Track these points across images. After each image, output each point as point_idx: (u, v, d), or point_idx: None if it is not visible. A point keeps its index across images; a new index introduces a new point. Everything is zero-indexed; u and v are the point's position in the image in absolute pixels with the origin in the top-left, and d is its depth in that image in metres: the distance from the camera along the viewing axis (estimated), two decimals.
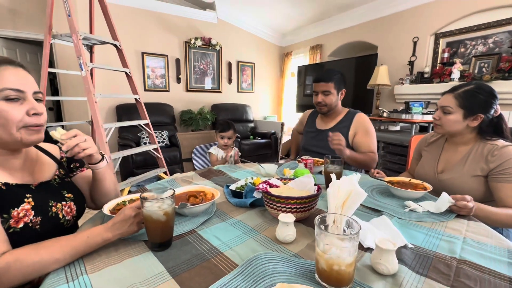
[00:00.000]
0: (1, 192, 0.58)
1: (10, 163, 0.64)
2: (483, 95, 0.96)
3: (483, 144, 0.99)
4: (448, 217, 0.79)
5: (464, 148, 1.04)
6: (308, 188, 0.84)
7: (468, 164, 1.00)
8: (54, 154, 0.79)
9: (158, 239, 0.60)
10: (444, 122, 1.02)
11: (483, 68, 2.44)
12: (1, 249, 0.51)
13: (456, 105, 0.99)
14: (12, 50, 3.62)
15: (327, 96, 1.48)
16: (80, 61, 1.81)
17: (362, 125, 1.47)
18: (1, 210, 0.56)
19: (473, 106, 0.96)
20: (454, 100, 0.99)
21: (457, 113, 0.99)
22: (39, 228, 0.61)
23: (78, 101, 3.39)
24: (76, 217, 0.73)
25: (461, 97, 0.98)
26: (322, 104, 1.50)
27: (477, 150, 1.00)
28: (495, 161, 0.93)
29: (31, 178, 0.67)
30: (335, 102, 1.50)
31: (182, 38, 4.04)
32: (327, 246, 0.47)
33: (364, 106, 3.44)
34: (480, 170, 0.97)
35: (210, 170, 1.32)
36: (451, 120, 1.00)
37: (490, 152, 0.95)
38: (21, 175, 0.65)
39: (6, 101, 0.56)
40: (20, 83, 0.59)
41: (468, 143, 1.04)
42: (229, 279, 0.49)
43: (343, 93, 1.53)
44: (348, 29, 3.79)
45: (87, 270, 0.52)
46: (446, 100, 1.01)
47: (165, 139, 3.58)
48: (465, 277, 0.51)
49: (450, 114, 1.00)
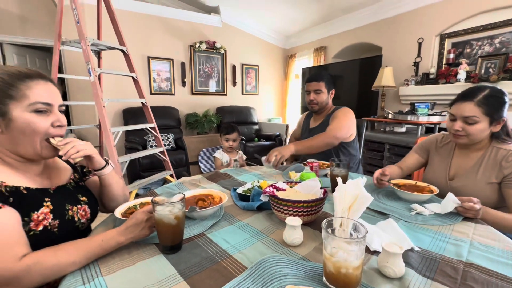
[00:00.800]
0: (23, 197, 0.60)
1: (31, 169, 0.67)
2: (502, 98, 0.93)
3: (496, 149, 0.97)
4: (455, 220, 0.79)
5: (476, 154, 1.02)
6: (315, 192, 0.84)
7: (482, 171, 0.98)
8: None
9: (169, 242, 0.62)
10: (471, 132, 0.95)
11: (490, 69, 2.42)
12: (22, 251, 0.53)
13: (481, 113, 0.93)
14: (22, 56, 3.71)
15: (318, 95, 1.58)
16: (89, 67, 1.85)
17: (336, 114, 1.55)
18: (23, 214, 0.58)
19: (498, 111, 0.93)
20: (477, 109, 0.93)
21: (483, 121, 0.94)
22: (57, 231, 0.64)
23: (86, 105, 3.45)
24: (90, 220, 0.76)
25: (484, 104, 0.92)
26: (314, 102, 1.60)
27: (490, 156, 0.98)
28: (510, 167, 0.91)
29: (49, 182, 0.71)
30: (325, 100, 1.60)
31: (187, 42, 4.09)
32: (334, 250, 0.48)
33: (369, 108, 3.43)
34: (495, 177, 0.95)
35: (217, 173, 1.34)
36: (478, 130, 0.95)
37: (504, 158, 0.94)
38: (40, 180, 0.68)
39: (36, 113, 0.62)
40: (50, 97, 0.64)
41: (481, 148, 1.01)
42: (239, 282, 0.51)
43: (333, 93, 1.63)
44: (352, 31, 3.79)
45: (102, 272, 0.54)
46: (468, 109, 0.94)
47: (171, 142, 3.62)
48: (472, 281, 0.52)
49: (476, 124, 0.94)
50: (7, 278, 0.49)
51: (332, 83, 1.61)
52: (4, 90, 0.59)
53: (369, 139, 2.90)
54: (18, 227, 0.56)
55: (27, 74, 0.62)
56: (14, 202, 0.57)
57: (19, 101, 0.60)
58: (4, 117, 0.59)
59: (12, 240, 0.53)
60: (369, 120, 3.10)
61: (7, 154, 0.63)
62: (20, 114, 0.60)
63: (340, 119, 1.52)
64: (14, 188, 0.59)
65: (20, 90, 0.60)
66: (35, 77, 0.62)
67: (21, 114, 0.60)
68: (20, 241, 0.54)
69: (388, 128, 3.03)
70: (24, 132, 0.61)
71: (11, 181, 0.60)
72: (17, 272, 0.50)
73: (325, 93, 1.58)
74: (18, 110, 0.60)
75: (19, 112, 0.60)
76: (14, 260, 0.50)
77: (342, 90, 3.86)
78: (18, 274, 0.50)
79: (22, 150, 0.63)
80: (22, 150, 0.63)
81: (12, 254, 0.51)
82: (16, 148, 0.62)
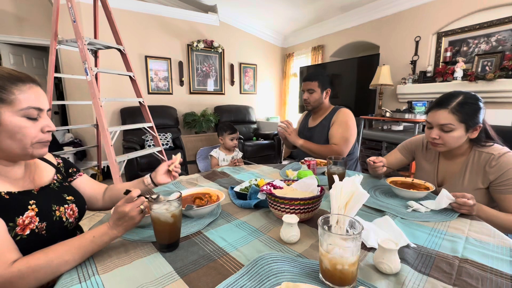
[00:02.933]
0: (5, 202, 0.59)
1: (12, 173, 0.65)
2: (477, 104, 0.93)
3: (478, 153, 0.97)
4: (451, 216, 0.80)
5: (460, 159, 1.02)
6: (312, 190, 0.85)
7: (468, 177, 0.98)
8: (50, 160, 0.80)
9: (166, 240, 0.62)
10: (447, 140, 0.95)
11: (486, 67, 2.43)
12: (12, 257, 0.52)
13: (456, 120, 0.92)
14: (19, 56, 3.69)
15: (311, 94, 1.60)
16: (86, 66, 1.85)
17: (338, 118, 1.56)
18: (7, 219, 0.57)
19: (473, 118, 0.92)
20: (452, 116, 0.92)
21: (459, 129, 0.93)
22: (45, 233, 0.62)
23: (83, 105, 3.44)
24: (78, 218, 0.74)
25: (459, 111, 0.92)
26: (307, 102, 1.63)
27: (473, 160, 0.97)
28: (495, 172, 0.91)
29: (32, 184, 0.68)
30: (319, 99, 1.61)
31: (184, 41, 4.08)
32: (330, 246, 0.49)
33: (366, 106, 3.44)
34: (481, 182, 0.95)
35: (214, 172, 1.34)
36: (454, 137, 0.94)
37: (487, 162, 0.93)
38: (21, 182, 0.66)
39: (27, 119, 0.59)
40: (40, 101, 0.62)
41: (464, 153, 1.01)
42: (236, 279, 0.51)
43: (329, 92, 1.63)
44: (350, 30, 3.80)
45: (98, 271, 0.54)
46: (443, 117, 0.94)
47: (169, 142, 3.61)
48: (467, 276, 0.52)
49: (452, 132, 0.93)
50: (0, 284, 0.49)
51: (327, 82, 1.61)
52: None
53: (367, 138, 2.91)
54: (4, 233, 0.54)
55: (19, 78, 0.59)
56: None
57: (11, 105, 0.57)
58: None
59: (0, 247, 0.52)
60: (367, 119, 3.11)
61: None
62: (10, 118, 0.57)
63: (344, 129, 1.51)
64: None
65: (12, 94, 0.57)
66: (27, 81, 0.60)
67: (11, 118, 0.57)
68: (9, 247, 0.53)
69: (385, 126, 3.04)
70: (13, 137, 0.58)
71: None
72: (10, 278, 0.49)
73: (318, 92, 1.59)
74: (8, 114, 0.57)
75: (9, 116, 0.57)
76: (5, 266, 0.49)
77: (340, 88, 3.87)
78: (11, 279, 0.49)
79: (8, 153, 0.61)
80: (8, 154, 0.61)
81: (2, 261, 0.50)
82: (2, 153, 0.60)
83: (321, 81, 1.59)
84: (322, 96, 1.60)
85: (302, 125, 1.79)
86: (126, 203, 0.61)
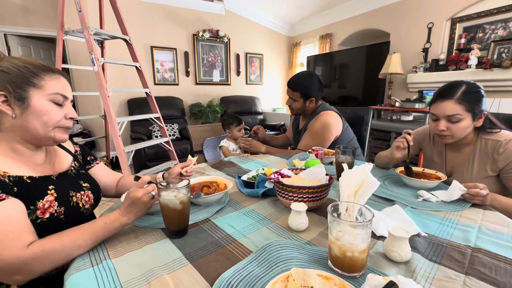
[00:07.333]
0: (27, 186, 0.61)
1: (35, 158, 0.69)
2: (480, 92, 0.92)
3: (485, 141, 0.96)
4: (463, 206, 0.78)
5: (467, 148, 1.01)
6: (320, 178, 0.84)
7: (476, 166, 0.97)
8: (68, 148, 0.82)
9: (175, 226, 0.63)
10: (455, 131, 0.94)
11: (503, 54, 2.33)
12: (29, 239, 0.54)
13: (463, 110, 0.92)
14: (27, 48, 3.71)
15: (293, 102, 1.56)
16: (92, 56, 1.85)
17: (312, 125, 1.50)
18: (28, 202, 0.60)
19: (478, 106, 0.92)
20: (459, 106, 0.91)
21: (466, 118, 0.92)
22: (63, 217, 0.65)
23: (91, 96, 3.47)
24: (93, 205, 0.78)
25: (465, 100, 0.91)
26: (290, 108, 1.61)
27: (480, 148, 0.96)
28: (503, 159, 0.90)
29: (51, 169, 0.72)
30: (301, 108, 1.56)
31: (190, 31, 4.04)
32: (340, 233, 0.48)
33: (375, 96, 3.37)
34: (491, 170, 0.94)
35: (221, 161, 1.34)
36: (462, 128, 0.93)
37: (495, 150, 0.92)
38: (42, 168, 0.69)
39: (53, 103, 0.65)
40: (65, 90, 0.69)
41: (470, 143, 1.00)
42: (244, 265, 0.51)
43: (313, 101, 1.53)
44: (359, 17, 3.68)
45: (109, 255, 0.55)
46: (450, 108, 0.93)
47: (176, 132, 3.63)
48: (480, 265, 0.51)
49: (460, 122, 0.93)
50: (16, 266, 0.50)
51: (311, 91, 1.50)
52: (27, 77, 0.62)
53: (375, 128, 2.86)
54: (23, 216, 0.57)
55: (50, 68, 0.67)
56: (18, 192, 0.59)
57: (40, 89, 0.63)
58: (23, 102, 0.61)
59: (18, 229, 0.54)
60: (376, 109, 3.05)
61: (19, 140, 0.64)
62: (39, 100, 0.63)
63: (311, 139, 1.47)
64: (17, 178, 0.60)
65: (43, 79, 0.64)
66: (56, 72, 0.68)
67: (40, 101, 0.63)
68: (26, 230, 0.55)
69: (395, 116, 2.98)
70: (39, 118, 0.63)
71: (14, 171, 0.61)
72: (25, 259, 0.51)
73: (300, 102, 1.53)
74: (37, 97, 0.63)
75: (38, 98, 0.63)
76: (22, 248, 0.51)
77: (348, 78, 3.79)
78: (27, 261, 0.51)
79: (34, 135, 0.64)
80: (33, 135, 0.64)
81: (19, 243, 0.52)
82: (27, 134, 0.64)
83: (303, 92, 1.50)
84: (304, 105, 1.54)
85: (294, 127, 1.78)
86: (138, 188, 0.64)
